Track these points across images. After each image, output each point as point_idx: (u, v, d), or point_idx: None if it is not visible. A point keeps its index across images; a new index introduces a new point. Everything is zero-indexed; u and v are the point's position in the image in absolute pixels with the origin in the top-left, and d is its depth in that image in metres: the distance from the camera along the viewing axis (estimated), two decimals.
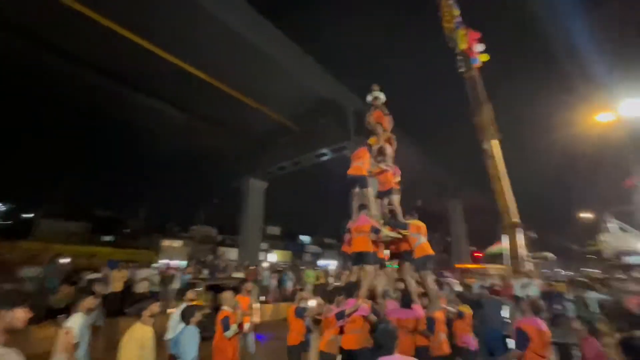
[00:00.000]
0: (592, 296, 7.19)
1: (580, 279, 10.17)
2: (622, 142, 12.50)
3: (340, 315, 4.17)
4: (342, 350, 4.04)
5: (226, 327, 4.18)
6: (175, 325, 4.52)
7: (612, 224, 15.42)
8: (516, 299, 8.14)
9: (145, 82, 21.27)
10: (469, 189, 39.14)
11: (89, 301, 3.73)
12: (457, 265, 22.61)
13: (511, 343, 4.65)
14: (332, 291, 5.36)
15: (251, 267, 13.40)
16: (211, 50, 18.30)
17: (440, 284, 5.57)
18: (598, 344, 3.78)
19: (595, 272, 16.58)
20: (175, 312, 4.75)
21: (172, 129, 27.14)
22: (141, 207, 34.49)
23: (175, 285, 9.65)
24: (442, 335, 4.47)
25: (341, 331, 4.10)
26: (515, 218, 10.24)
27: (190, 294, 5.00)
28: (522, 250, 10.06)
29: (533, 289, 8.18)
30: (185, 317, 3.85)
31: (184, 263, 18.31)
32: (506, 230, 10.33)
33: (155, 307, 3.30)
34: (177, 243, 29.44)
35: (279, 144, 26.80)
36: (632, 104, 11.58)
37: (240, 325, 4.48)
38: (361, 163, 5.47)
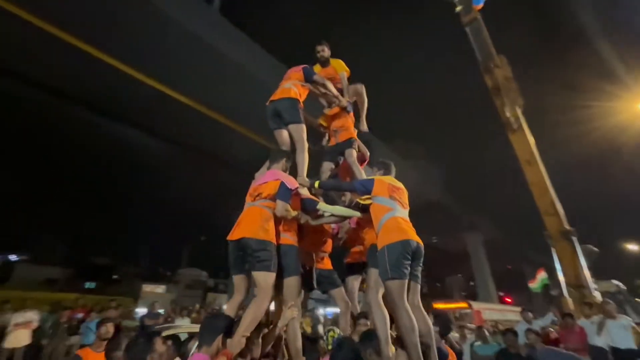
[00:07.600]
0: None
1: None
2: None
3: None
4: None
5: None
6: None
7: None
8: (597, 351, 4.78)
9: (128, 112, 20.07)
10: (485, 220, 34.06)
11: None
12: (446, 305, 15.40)
13: None
14: None
15: None
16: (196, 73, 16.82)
17: None
18: None
19: None
20: None
21: (158, 162, 25.74)
22: (128, 250, 32.14)
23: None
24: None
25: None
26: (566, 224, 7.17)
27: None
28: (585, 271, 6.84)
29: (622, 332, 4.86)
30: None
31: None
32: (556, 241, 7.04)
33: None
34: (159, 288, 26.30)
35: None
36: None
37: None
38: None
